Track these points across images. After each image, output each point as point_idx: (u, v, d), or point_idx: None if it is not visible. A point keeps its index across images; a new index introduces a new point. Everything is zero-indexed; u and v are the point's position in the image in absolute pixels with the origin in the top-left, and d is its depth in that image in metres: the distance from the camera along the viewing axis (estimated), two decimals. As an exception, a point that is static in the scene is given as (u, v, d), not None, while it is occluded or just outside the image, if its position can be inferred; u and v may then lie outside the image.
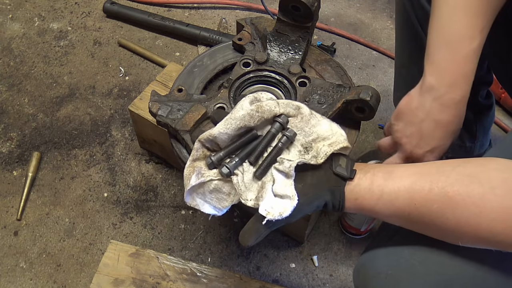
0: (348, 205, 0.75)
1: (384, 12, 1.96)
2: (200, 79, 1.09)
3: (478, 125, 1.25)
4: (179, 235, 1.34)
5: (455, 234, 0.66)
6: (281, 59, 1.08)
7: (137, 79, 1.69)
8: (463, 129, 1.23)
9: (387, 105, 1.63)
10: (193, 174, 0.79)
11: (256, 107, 0.79)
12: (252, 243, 0.76)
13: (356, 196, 0.74)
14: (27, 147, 1.50)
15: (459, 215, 0.64)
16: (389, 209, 0.71)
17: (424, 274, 0.71)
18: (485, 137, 1.29)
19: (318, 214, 1.33)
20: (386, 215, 0.73)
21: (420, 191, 0.67)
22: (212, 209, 0.82)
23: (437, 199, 0.65)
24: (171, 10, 1.92)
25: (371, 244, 0.83)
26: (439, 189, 0.65)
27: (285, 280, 1.28)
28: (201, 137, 0.81)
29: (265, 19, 1.15)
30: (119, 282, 1.17)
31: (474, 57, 0.83)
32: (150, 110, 0.97)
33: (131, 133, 1.54)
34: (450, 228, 0.66)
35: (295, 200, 0.72)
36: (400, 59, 1.24)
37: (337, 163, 0.76)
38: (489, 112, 1.27)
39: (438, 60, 0.85)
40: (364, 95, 0.93)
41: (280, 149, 0.78)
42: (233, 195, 0.80)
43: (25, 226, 1.35)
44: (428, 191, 0.66)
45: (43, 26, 1.85)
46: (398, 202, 0.69)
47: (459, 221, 0.64)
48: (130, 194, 1.42)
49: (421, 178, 0.69)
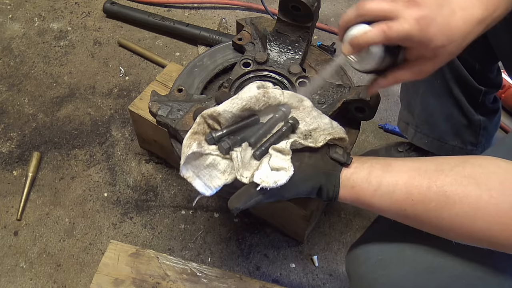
0: (344, 193, 0.75)
1: (384, 12, 1.96)
2: (200, 79, 1.09)
3: (483, 129, 1.23)
4: (179, 235, 1.34)
5: (449, 232, 0.67)
6: (281, 59, 1.08)
7: (137, 79, 1.69)
8: (466, 130, 1.22)
9: (387, 105, 1.63)
10: (194, 143, 0.79)
11: (263, 92, 0.81)
12: (240, 207, 0.74)
13: (353, 184, 0.74)
14: (27, 147, 1.50)
15: (454, 215, 0.64)
16: (385, 202, 0.71)
17: (413, 260, 0.72)
18: (487, 143, 1.28)
19: (318, 214, 1.33)
20: (382, 208, 0.72)
21: (418, 187, 0.67)
22: (202, 186, 0.81)
23: (434, 198, 0.66)
24: (171, 10, 1.92)
25: (364, 233, 0.84)
26: (437, 188, 0.66)
27: (285, 280, 1.28)
28: (204, 112, 0.81)
29: (265, 19, 1.15)
30: (119, 282, 1.17)
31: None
32: (150, 110, 0.97)
33: (131, 133, 1.54)
34: (445, 227, 0.66)
35: (290, 170, 0.73)
36: None
37: (334, 150, 0.78)
38: (495, 116, 1.25)
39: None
40: (364, 95, 0.93)
41: (282, 134, 0.79)
42: (228, 174, 0.80)
43: (25, 226, 1.35)
44: (426, 189, 0.67)
45: (43, 26, 1.85)
46: (396, 195, 0.69)
47: (454, 220, 0.65)
48: (130, 194, 1.42)
49: (419, 174, 0.69)
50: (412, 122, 1.28)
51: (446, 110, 1.19)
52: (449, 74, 1.12)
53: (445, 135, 1.24)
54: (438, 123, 1.23)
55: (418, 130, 1.27)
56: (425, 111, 1.23)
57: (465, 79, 1.12)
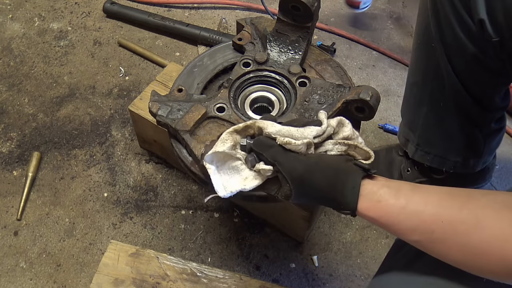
0: (368, 206, 0.70)
1: (384, 12, 1.96)
2: (200, 79, 1.09)
3: (486, 147, 1.21)
4: (179, 235, 1.35)
5: (477, 259, 0.63)
6: (281, 59, 1.08)
7: (137, 79, 1.69)
8: (469, 149, 1.21)
9: (387, 105, 1.63)
10: (230, 142, 0.78)
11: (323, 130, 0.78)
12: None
13: (380, 199, 0.69)
14: (27, 147, 1.50)
15: (485, 239, 0.61)
16: (412, 222, 0.66)
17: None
18: (489, 156, 1.26)
19: (319, 214, 1.33)
20: (407, 229, 0.67)
21: (449, 209, 0.64)
22: (219, 183, 0.80)
23: (465, 221, 0.62)
24: (171, 10, 1.92)
25: (383, 266, 0.80)
26: (469, 211, 0.63)
27: (285, 280, 1.28)
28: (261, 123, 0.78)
29: (265, 19, 1.15)
30: (119, 282, 1.17)
31: None
32: (150, 110, 0.97)
33: (131, 133, 1.54)
34: (474, 252, 0.62)
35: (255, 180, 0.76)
36: (413, 75, 1.20)
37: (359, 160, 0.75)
38: (499, 134, 1.23)
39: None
40: (364, 95, 0.93)
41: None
42: (248, 182, 0.79)
43: (25, 226, 1.35)
44: (458, 211, 0.64)
45: (43, 26, 1.85)
46: (424, 216, 0.65)
47: (484, 245, 0.61)
48: (130, 194, 1.42)
49: (450, 197, 0.66)
50: (413, 140, 1.26)
51: (447, 129, 1.17)
52: (453, 98, 1.10)
53: (446, 153, 1.22)
54: (438, 141, 1.21)
55: (420, 148, 1.25)
56: (427, 132, 1.21)
57: (469, 103, 1.10)
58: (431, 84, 1.13)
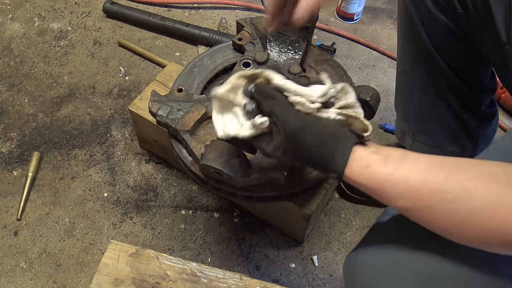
0: (356, 171, 0.70)
1: (384, 12, 1.96)
2: (200, 79, 1.09)
3: (480, 134, 1.22)
4: (179, 235, 1.35)
5: (462, 228, 0.64)
6: (281, 59, 1.08)
7: (137, 79, 1.69)
8: (464, 136, 1.22)
9: (387, 105, 1.63)
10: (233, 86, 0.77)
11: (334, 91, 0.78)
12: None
13: (368, 164, 0.69)
14: (27, 147, 1.50)
15: (472, 209, 0.62)
16: (399, 188, 0.67)
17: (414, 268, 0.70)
18: (486, 145, 1.27)
19: (318, 214, 1.33)
20: (393, 195, 0.68)
21: (436, 178, 0.65)
22: (220, 124, 0.79)
23: (453, 190, 0.63)
24: (171, 10, 1.92)
25: (362, 240, 0.83)
26: (456, 181, 0.64)
27: (285, 280, 1.28)
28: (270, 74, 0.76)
29: (265, 19, 1.15)
30: (119, 282, 1.17)
31: None
32: (150, 110, 0.97)
33: (131, 133, 1.54)
34: (459, 221, 0.64)
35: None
36: (401, 64, 1.22)
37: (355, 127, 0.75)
38: (492, 121, 1.24)
39: None
40: (364, 95, 0.93)
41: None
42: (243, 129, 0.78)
43: (25, 226, 1.35)
44: (445, 180, 0.64)
45: (43, 26, 1.85)
46: (411, 182, 0.66)
47: (470, 215, 0.62)
48: (130, 194, 1.42)
49: (437, 166, 0.67)
50: (408, 131, 1.27)
51: (440, 115, 1.18)
52: (441, 80, 1.12)
53: (442, 141, 1.23)
54: (433, 130, 1.22)
55: (416, 139, 1.26)
56: (420, 118, 1.23)
57: (457, 84, 1.12)
58: (419, 70, 1.14)
